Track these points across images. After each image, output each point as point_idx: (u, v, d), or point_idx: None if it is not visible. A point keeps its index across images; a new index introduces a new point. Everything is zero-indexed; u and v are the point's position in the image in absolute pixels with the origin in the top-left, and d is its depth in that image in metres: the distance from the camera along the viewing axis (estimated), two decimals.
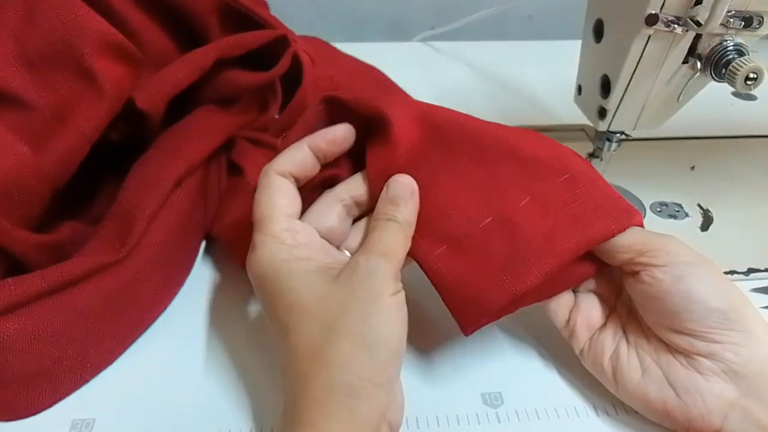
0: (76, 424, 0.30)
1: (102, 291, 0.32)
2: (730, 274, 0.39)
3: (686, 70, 0.39)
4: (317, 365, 0.25)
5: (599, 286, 0.33)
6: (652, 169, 0.44)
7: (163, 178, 0.36)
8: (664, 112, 0.42)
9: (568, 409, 0.32)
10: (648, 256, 0.29)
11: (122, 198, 0.35)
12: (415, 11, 0.81)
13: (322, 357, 0.25)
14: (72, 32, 0.32)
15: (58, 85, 0.32)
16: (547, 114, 0.59)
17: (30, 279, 0.30)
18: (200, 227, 0.40)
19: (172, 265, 0.36)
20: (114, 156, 0.40)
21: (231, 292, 0.38)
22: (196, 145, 0.38)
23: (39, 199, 0.33)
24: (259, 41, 0.43)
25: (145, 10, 0.40)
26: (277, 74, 0.44)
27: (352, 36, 0.81)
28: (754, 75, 0.35)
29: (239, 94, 0.43)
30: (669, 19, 0.36)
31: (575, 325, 0.32)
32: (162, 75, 0.38)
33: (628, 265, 0.30)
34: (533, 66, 0.68)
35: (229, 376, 0.33)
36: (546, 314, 0.33)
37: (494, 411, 0.31)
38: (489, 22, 0.73)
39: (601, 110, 0.43)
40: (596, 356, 0.31)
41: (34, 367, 0.30)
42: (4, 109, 0.31)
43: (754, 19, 0.36)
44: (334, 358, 0.25)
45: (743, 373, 0.27)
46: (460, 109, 0.35)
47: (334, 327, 0.26)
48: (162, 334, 0.35)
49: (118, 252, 0.33)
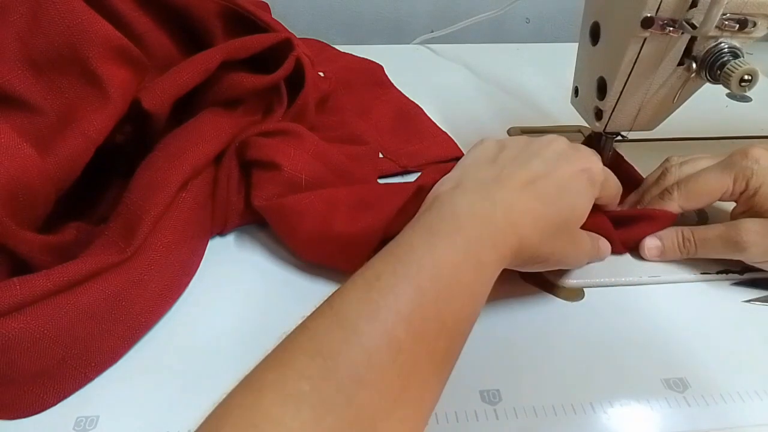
0: (80, 422, 0.30)
1: (107, 291, 0.33)
2: (724, 273, 0.40)
3: (682, 72, 0.39)
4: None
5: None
6: (647, 170, 0.44)
7: (168, 180, 0.36)
8: (659, 113, 0.43)
9: (566, 406, 0.32)
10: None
11: (127, 199, 0.35)
12: (414, 14, 0.82)
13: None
14: (77, 36, 0.33)
15: (63, 88, 0.33)
16: (544, 115, 0.59)
17: (35, 279, 0.30)
18: (206, 229, 0.40)
19: (177, 265, 0.37)
20: (119, 158, 0.40)
21: (235, 293, 0.38)
22: (202, 147, 0.39)
23: (44, 201, 0.34)
24: (264, 44, 0.43)
25: (150, 14, 0.41)
26: (280, 77, 0.44)
27: (352, 39, 0.81)
28: (748, 77, 0.36)
29: (244, 97, 0.44)
30: (664, 22, 0.36)
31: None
32: (168, 76, 0.38)
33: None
34: (531, 68, 0.69)
35: (231, 375, 0.33)
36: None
37: (492, 408, 0.32)
38: (487, 25, 0.73)
39: (597, 112, 0.43)
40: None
41: (38, 366, 0.30)
42: (10, 112, 0.32)
43: (748, 22, 0.37)
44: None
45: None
46: (459, 111, 0.35)
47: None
48: (166, 333, 0.35)
49: (123, 252, 0.34)
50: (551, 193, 0.32)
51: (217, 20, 0.43)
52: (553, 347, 0.35)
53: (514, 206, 0.30)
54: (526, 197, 0.31)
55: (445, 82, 0.66)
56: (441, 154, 0.51)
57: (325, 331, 0.24)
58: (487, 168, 0.34)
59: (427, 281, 0.26)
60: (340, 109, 0.54)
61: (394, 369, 0.24)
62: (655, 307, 0.38)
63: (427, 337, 0.25)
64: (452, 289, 0.27)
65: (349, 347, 0.23)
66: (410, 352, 0.24)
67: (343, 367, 0.23)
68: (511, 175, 0.32)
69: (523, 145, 0.35)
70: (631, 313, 0.38)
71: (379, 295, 0.25)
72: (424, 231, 0.29)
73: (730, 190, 0.38)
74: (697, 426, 0.31)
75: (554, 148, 0.35)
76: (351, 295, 0.26)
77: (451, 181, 0.34)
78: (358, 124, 0.52)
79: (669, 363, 0.34)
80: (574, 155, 0.35)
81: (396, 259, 0.27)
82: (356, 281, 0.27)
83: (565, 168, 0.33)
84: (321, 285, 0.38)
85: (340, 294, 0.26)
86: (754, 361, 0.35)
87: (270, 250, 0.41)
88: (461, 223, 0.29)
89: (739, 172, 0.37)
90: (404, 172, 0.49)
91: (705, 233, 0.39)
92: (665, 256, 0.40)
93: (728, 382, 0.33)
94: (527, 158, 0.34)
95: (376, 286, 0.26)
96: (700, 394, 0.33)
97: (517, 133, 0.56)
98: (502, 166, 0.33)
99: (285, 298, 0.38)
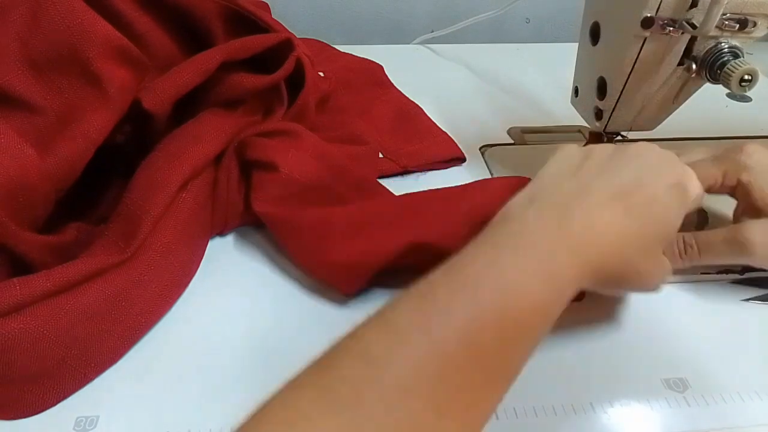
0: (80, 422, 0.30)
1: (107, 291, 0.33)
2: (725, 273, 0.40)
3: (682, 72, 0.39)
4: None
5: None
6: None
7: (168, 180, 0.36)
8: (659, 113, 0.43)
9: (566, 406, 0.32)
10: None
11: (128, 199, 0.35)
12: (414, 15, 0.82)
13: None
14: (77, 36, 0.33)
15: (63, 88, 0.33)
16: (545, 115, 0.59)
17: (35, 279, 0.31)
18: (206, 229, 0.40)
19: (177, 266, 0.37)
20: (119, 158, 0.40)
21: (235, 293, 0.38)
22: (202, 148, 0.39)
23: (44, 201, 0.34)
24: (264, 45, 0.43)
25: (150, 14, 0.41)
26: (280, 77, 0.44)
27: (352, 39, 0.81)
28: (748, 77, 0.36)
29: (244, 97, 0.44)
30: (665, 22, 0.36)
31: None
32: (168, 76, 0.38)
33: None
34: (531, 68, 0.69)
35: (231, 375, 0.33)
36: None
37: None
38: (487, 25, 0.73)
39: (597, 112, 0.43)
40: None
41: (38, 367, 0.30)
42: (10, 112, 0.32)
43: (748, 22, 0.37)
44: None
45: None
46: (459, 111, 0.35)
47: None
48: (166, 333, 0.35)
49: (123, 253, 0.34)
50: (641, 207, 0.30)
51: (218, 20, 0.43)
52: (553, 347, 0.35)
53: (596, 221, 0.28)
54: (612, 211, 0.29)
55: (445, 82, 0.66)
56: (441, 154, 0.51)
57: (372, 338, 0.24)
58: (569, 180, 0.31)
59: (486, 295, 0.25)
60: (340, 109, 0.54)
61: (442, 382, 0.23)
62: (655, 307, 0.38)
63: (482, 352, 0.24)
64: (517, 306, 0.25)
65: (396, 356, 0.23)
66: (461, 365, 0.24)
67: (388, 375, 0.22)
68: (596, 188, 0.30)
69: (611, 153, 0.33)
70: (631, 313, 0.38)
71: (432, 306, 0.24)
72: (487, 245, 0.27)
73: (719, 182, 0.37)
74: (697, 426, 0.31)
75: (646, 158, 0.32)
76: (403, 305, 0.25)
77: (526, 195, 0.31)
78: (358, 124, 0.52)
79: (669, 363, 0.34)
80: (668, 166, 0.32)
81: (454, 272, 0.26)
82: (410, 292, 0.26)
83: (657, 180, 0.31)
84: (322, 285, 0.38)
85: (392, 304, 0.25)
86: (754, 361, 0.35)
87: (270, 250, 0.41)
88: (532, 238, 0.27)
89: (731, 166, 0.36)
90: (404, 172, 0.49)
91: (707, 237, 0.37)
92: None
93: (728, 382, 0.33)
94: (616, 168, 0.31)
95: (430, 298, 0.25)
96: (700, 394, 0.33)
97: (517, 133, 0.56)
98: (585, 177, 0.31)
99: (285, 298, 0.38)
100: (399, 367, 0.23)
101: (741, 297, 0.39)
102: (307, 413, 0.21)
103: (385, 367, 0.22)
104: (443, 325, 0.24)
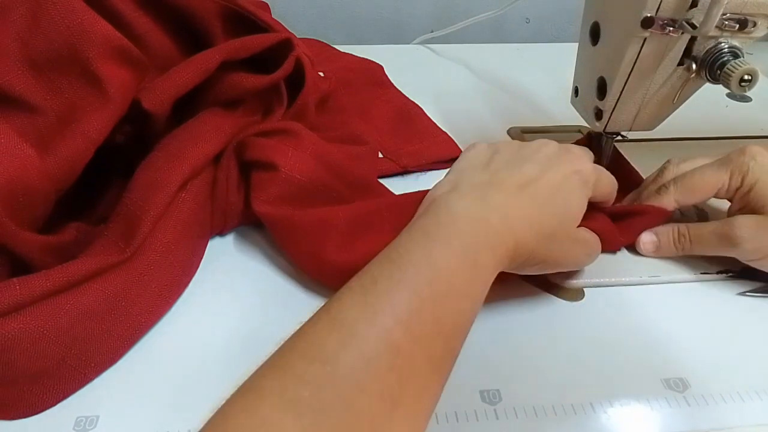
0: (80, 422, 0.30)
1: (107, 291, 0.33)
2: (724, 273, 0.40)
3: (681, 72, 0.39)
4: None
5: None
6: (648, 170, 0.44)
7: (168, 180, 0.36)
8: (659, 113, 0.43)
9: (566, 406, 0.32)
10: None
11: (127, 199, 0.35)
12: (414, 14, 0.82)
13: None
14: (77, 36, 0.33)
15: (63, 88, 0.33)
16: (545, 115, 0.59)
17: (35, 279, 0.30)
18: (206, 229, 0.40)
19: (177, 266, 0.37)
20: (119, 158, 0.40)
21: (235, 293, 0.38)
22: (201, 147, 0.39)
23: (44, 201, 0.34)
24: (264, 44, 0.43)
25: (150, 15, 0.41)
26: (280, 77, 0.44)
27: (352, 39, 0.82)
28: (748, 77, 0.36)
29: (244, 97, 0.44)
30: (664, 22, 0.36)
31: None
32: (168, 76, 0.38)
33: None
34: (531, 68, 0.69)
35: (231, 375, 0.33)
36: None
37: (492, 408, 0.32)
38: (487, 25, 0.73)
39: (597, 112, 0.43)
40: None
41: (38, 367, 0.30)
42: (10, 112, 0.32)
43: (748, 22, 0.37)
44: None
45: None
46: (459, 111, 0.36)
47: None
48: (166, 333, 0.35)
49: (122, 252, 0.34)
50: (544, 195, 0.33)
51: (217, 20, 0.43)
52: (553, 347, 0.35)
53: (509, 210, 0.31)
54: (521, 201, 0.32)
55: (445, 82, 0.66)
56: (441, 154, 0.51)
57: (324, 336, 0.25)
58: (481, 172, 0.35)
59: (424, 285, 0.26)
60: (340, 109, 0.54)
61: (393, 373, 0.24)
62: (655, 307, 0.38)
63: (424, 340, 0.25)
64: (449, 293, 0.27)
65: (347, 352, 0.24)
66: (408, 355, 0.25)
67: (342, 372, 0.23)
68: (504, 179, 0.33)
69: (515, 149, 0.36)
70: (631, 313, 0.38)
71: (376, 300, 0.25)
72: (420, 235, 0.29)
73: (726, 186, 0.38)
74: (697, 426, 0.31)
75: (545, 152, 0.36)
76: (348, 299, 0.26)
77: (446, 184, 0.35)
78: (358, 124, 0.52)
79: (669, 363, 0.34)
80: (564, 157, 0.36)
81: (393, 264, 0.28)
82: (353, 286, 0.27)
83: (556, 170, 0.34)
84: (321, 285, 0.38)
85: (337, 299, 0.27)
86: (754, 360, 0.35)
87: (270, 250, 0.41)
88: (458, 227, 0.30)
89: (736, 168, 0.38)
90: (404, 172, 0.49)
91: (699, 229, 0.39)
92: (660, 251, 0.40)
93: (728, 382, 0.33)
94: (519, 162, 0.35)
95: (373, 291, 0.26)
96: (700, 394, 0.33)
97: (517, 133, 0.56)
98: (495, 170, 0.34)
99: (285, 298, 0.38)
100: (351, 363, 0.23)
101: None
102: (270, 418, 0.22)
103: (338, 365, 0.23)
104: (388, 317, 0.25)
